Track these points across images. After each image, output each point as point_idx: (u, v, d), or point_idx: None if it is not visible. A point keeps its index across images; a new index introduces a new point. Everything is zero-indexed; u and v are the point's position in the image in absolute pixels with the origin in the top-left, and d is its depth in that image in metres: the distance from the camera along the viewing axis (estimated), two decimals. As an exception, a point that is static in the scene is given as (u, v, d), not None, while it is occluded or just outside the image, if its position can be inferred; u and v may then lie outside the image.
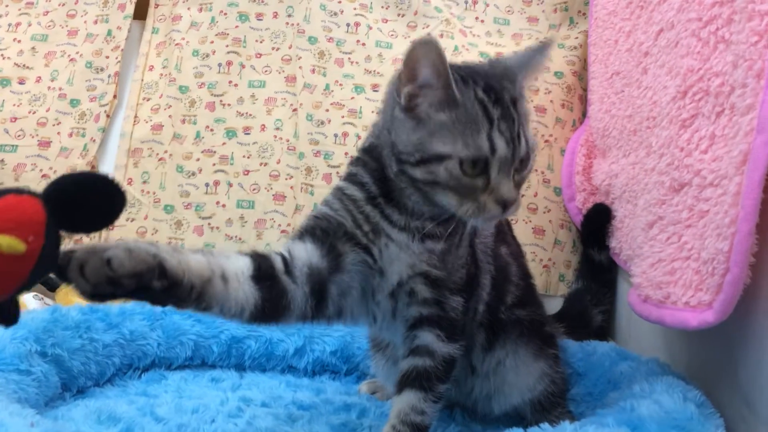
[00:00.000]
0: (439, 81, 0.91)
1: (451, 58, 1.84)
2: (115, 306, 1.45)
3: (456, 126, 0.92)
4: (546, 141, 1.86)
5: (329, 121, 1.90)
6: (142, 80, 1.98)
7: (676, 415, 0.93)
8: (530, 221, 1.80)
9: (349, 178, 1.07)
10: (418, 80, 0.93)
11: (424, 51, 0.90)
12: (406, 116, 0.95)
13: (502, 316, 1.16)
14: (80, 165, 1.88)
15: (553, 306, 1.68)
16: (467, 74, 0.96)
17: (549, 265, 1.78)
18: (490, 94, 0.94)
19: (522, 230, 1.76)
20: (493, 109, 0.92)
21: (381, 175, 1.02)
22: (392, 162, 0.98)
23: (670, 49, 1.20)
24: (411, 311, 1.05)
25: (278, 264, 0.96)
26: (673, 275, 1.04)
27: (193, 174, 1.89)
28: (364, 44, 1.97)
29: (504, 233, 1.25)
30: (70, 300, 1.66)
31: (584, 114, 1.89)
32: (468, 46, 1.95)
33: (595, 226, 1.62)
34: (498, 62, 1.03)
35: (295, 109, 1.92)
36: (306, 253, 0.99)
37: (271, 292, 0.92)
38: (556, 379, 1.18)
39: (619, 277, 1.63)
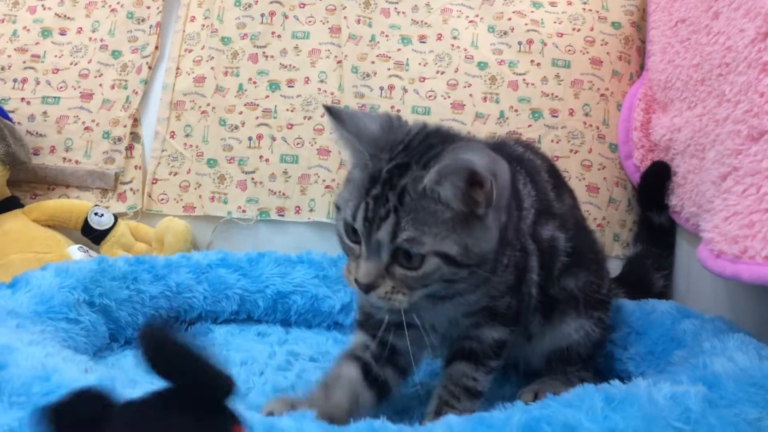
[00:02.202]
0: (360, 145, 0.89)
1: (502, 6, 1.78)
2: (161, 258, 1.44)
3: (351, 188, 0.90)
4: (602, 95, 1.78)
5: (375, 73, 1.84)
6: (184, 31, 1.94)
7: (752, 372, 0.87)
8: (584, 178, 1.74)
9: None
10: (344, 139, 0.93)
11: (340, 121, 0.91)
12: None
13: (554, 292, 1.12)
14: (123, 117, 1.86)
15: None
16: (402, 146, 0.89)
17: (603, 224, 1.72)
18: (393, 171, 0.86)
19: (575, 187, 1.67)
20: (375, 186, 0.86)
21: None
22: None
23: (747, -11, 1.12)
24: (461, 328, 1.03)
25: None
26: (751, 228, 0.97)
27: (236, 127, 1.85)
28: (411, -7, 1.90)
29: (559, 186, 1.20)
30: (115, 252, 1.66)
31: (642, 67, 1.81)
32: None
33: (654, 187, 1.55)
34: (452, 151, 0.85)
35: (339, 61, 1.86)
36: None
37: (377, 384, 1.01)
38: (590, 338, 1.15)
39: (677, 237, 1.57)
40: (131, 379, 0.84)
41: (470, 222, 0.86)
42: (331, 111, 0.92)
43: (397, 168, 0.86)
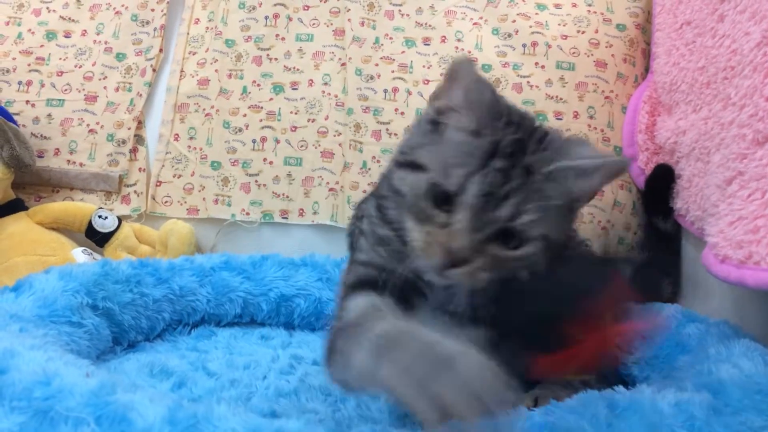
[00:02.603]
0: (472, 108, 0.85)
1: (506, 9, 1.77)
2: (164, 261, 1.44)
3: (453, 151, 0.84)
4: (606, 97, 1.77)
5: (379, 76, 1.84)
6: (188, 34, 1.94)
7: (758, 379, 0.87)
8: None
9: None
10: (451, 100, 0.87)
11: (464, 72, 0.85)
12: (427, 125, 0.89)
13: None
14: (127, 120, 1.86)
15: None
16: (508, 116, 0.87)
17: (607, 227, 1.71)
18: (514, 145, 0.83)
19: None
20: (497, 158, 0.82)
21: None
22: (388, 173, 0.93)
23: (753, -8, 1.11)
24: None
25: None
26: (756, 233, 0.97)
27: (240, 130, 1.85)
28: (415, -4, 1.90)
29: None
30: (119, 255, 1.66)
31: (647, 69, 1.80)
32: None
33: (658, 192, 1.54)
34: (559, 138, 0.89)
35: (343, 64, 1.86)
36: None
37: None
38: None
39: (683, 241, 1.56)
40: (133, 383, 0.84)
41: (568, 213, 0.87)
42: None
43: (516, 142, 0.83)
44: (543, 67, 1.80)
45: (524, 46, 1.82)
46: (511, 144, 0.83)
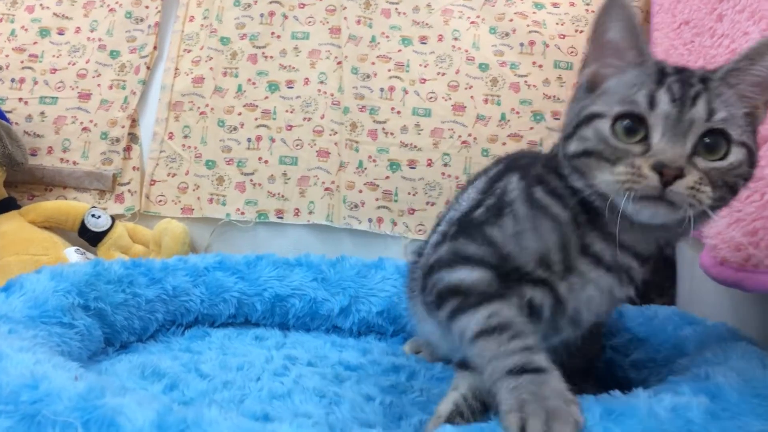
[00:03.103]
0: (629, 39, 0.84)
1: (503, 7, 1.76)
2: (157, 261, 1.43)
3: (624, 87, 0.82)
4: (603, 97, 1.76)
5: (375, 74, 1.83)
6: (183, 31, 1.93)
7: (755, 383, 0.86)
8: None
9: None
10: (604, 45, 0.85)
11: (613, 10, 0.83)
12: (584, 95, 0.87)
13: None
14: (121, 118, 1.85)
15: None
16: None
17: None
18: (677, 69, 0.83)
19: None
20: (669, 75, 0.82)
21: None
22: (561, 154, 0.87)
23: (752, -9, 1.10)
24: None
25: None
26: (754, 236, 0.96)
27: (235, 129, 1.84)
28: (412, -6, 1.88)
29: None
30: (112, 255, 1.65)
31: (645, 68, 1.79)
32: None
33: None
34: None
35: (339, 62, 1.85)
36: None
37: None
38: None
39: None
40: (122, 386, 0.83)
41: (752, 124, 0.83)
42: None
43: (677, 67, 0.83)
44: (541, 66, 1.79)
45: (521, 45, 1.81)
46: (673, 66, 0.84)
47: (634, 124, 0.79)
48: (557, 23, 1.82)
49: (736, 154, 0.79)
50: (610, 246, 0.86)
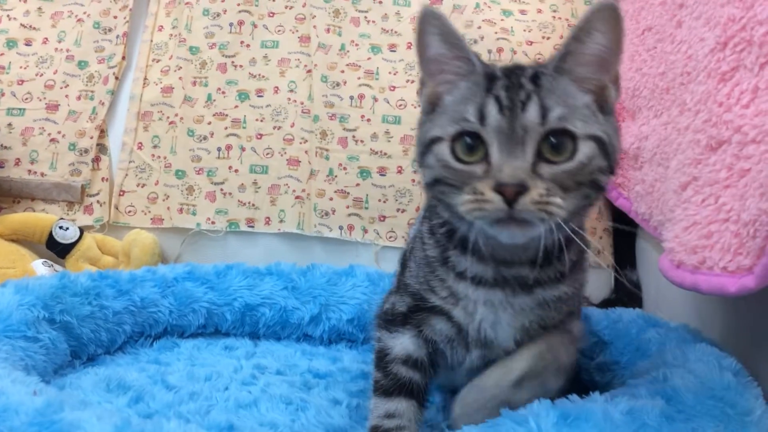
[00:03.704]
0: (451, 50, 0.81)
1: (471, 15, 1.78)
2: (125, 272, 1.42)
3: (457, 103, 0.79)
4: (570, 102, 1.78)
5: (345, 82, 1.83)
6: (152, 41, 1.93)
7: (712, 384, 0.87)
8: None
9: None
10: (430, 62, 0.83)
11: (427, 24, 0.81)
12: (426, 118, 0.85)
13: None
14: (89, 128, 1.84)
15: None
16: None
17: (572, 231, 1.71)
18: (505, 72, 0.80)
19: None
20: (498, 80, 0.78)
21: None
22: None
23: (708, -2, 1.12)
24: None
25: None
26: (709, 239, 0.97)
27: (205, 138, 1.84)
28: (381, 2, 1.89)
29: None
30: (81, 266, 1.64)
31: (610, 74, 1.81)
32: (489, 3, 1.87)
33: (626, 247, 1.63)
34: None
35: (309, 71, 1.85)
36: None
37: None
38: None
39: (645, 243, 1.57)
40: (83, 400, 0.83)
41: (601, 107, 0.81)
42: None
43: (507, 69, 0.80)
44: (508, 72, 1.81)
45: (490, 52, 1.82)
46: (502, 70, 0.81)
47: (473, 141, 0.76)
48: (525, 30, 1.84)
49: (584, 150, 0.75)
50: (488, 264, 0.85)
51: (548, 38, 1.83)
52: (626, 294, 1.60)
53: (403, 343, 0.94)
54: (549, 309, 0.89)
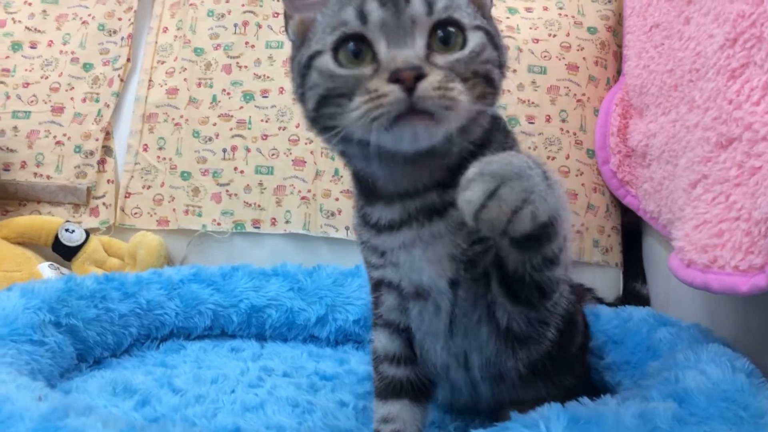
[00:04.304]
0: None
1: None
2: (131, 275, 1.42)
3: (331, 16, 0.75)
4: (578, 100, 1.77)
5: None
6: (156, 42, 1.92)
7: (724, 386, 0.86)
8: (562, 185, 1.72)
9: None
10: None
11: None
12: (299, 51, 0.80)
13: None
14: (94, 131, 1.84)
15: (587, 276, 1.64)
16: None
17: (582, 230, 1.70)
18: None
19: (552, 194, 1.69)
20: None
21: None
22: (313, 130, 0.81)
23: (716, -6, 1.11)
24: None
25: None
26: (720, 237, 0.96)
27: (210, 139, 1.83)
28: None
29: None
30: (87, 269, 1.63)
31: (619, 72, 1.79)
32: (495, 0, 1.85)
33: (635, 259, 1.64)
34: None
35: (314, 71, 1.84)
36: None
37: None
38: None
39: (654, 241, 1.56)
40: (88, 405, 0.82)
41: (483, 18, 0.79)
42: None
43: None
44: (515, 71, 1.79)
45: (495, 50, 1.81)
46: None
47: (357, 46, 0.72)
48: (530, 28, 1.82)
49: (474, 40, 0.74)
50: (395, 204, 0.82)
51: (554, 36, 1.81)
52: (635, 300, 1.59)
53: (381, 340, 0.94)
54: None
